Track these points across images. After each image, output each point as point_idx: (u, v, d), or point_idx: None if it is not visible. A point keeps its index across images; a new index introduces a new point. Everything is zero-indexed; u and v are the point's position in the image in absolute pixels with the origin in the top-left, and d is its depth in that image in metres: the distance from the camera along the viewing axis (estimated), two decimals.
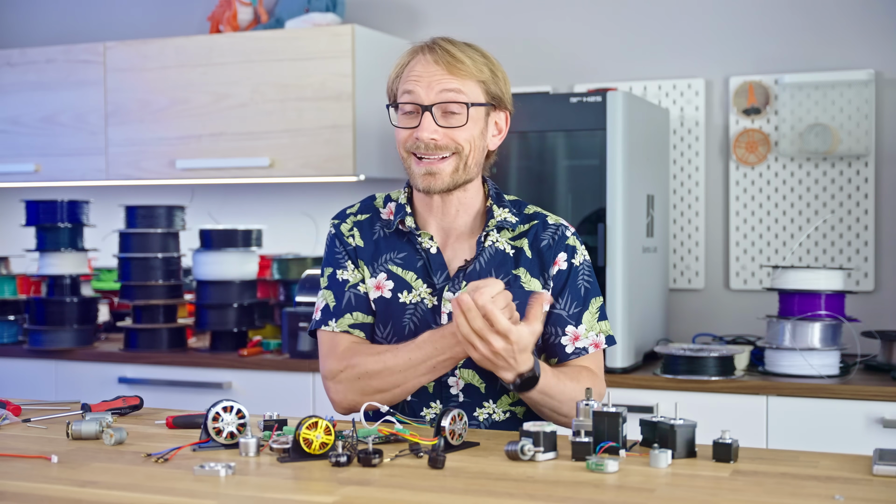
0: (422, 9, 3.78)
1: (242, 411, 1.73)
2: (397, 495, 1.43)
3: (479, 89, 1.94)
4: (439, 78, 1.91)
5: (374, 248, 2.02)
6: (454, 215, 1.99)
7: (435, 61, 1.91)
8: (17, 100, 3.85)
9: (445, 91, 1.91)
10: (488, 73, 1.95)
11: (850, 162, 3.30)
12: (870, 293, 3.29)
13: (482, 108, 1.95)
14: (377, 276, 2.00)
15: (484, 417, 1.97)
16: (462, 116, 1.92)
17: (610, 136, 2.94)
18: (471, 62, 1.93)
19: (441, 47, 1.93)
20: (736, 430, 1.96)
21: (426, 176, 1.93)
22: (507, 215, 1.99)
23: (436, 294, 1.96)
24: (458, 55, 1.92)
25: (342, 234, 2.04)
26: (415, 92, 1.91)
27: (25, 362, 3.55)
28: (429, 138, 1.90)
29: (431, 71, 1.91)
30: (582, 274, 2.00)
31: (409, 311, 1.97)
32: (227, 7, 3.75)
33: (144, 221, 3.48)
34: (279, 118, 3.52)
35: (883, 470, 1.51)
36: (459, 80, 1.91)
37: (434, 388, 1.96)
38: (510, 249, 1.98)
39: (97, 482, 1.51)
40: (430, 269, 1.97)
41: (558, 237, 2.00)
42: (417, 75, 1.92)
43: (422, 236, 1.98)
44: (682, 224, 3.48)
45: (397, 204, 2.04)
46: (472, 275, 1.95)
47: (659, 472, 1.54)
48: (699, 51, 3.47)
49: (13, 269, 3.93)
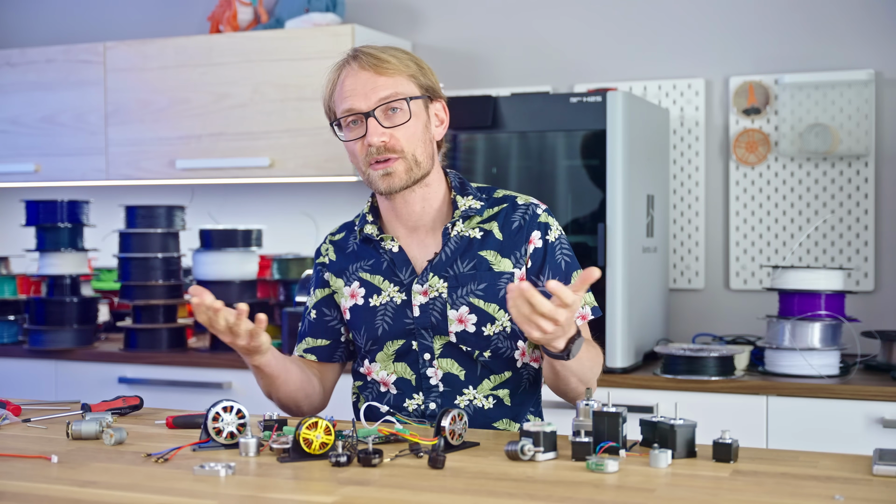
0: (422, 9, 3.78)
1: (242, 411, 1.73)
2: (397, 495, 1.43)
3: (411, 84, 1.98)
4: (372, 83, 1.94)
5: (346, 260, 2.09)
6: (419, 213, 2.02)
7: (362, 67, 1.95)
8: (17, 100, 3.85)
9: (381, 96, 1.94)
10: (415, 66, 1.99)
11: (850, 162, 3.30)
12: (870, 293, 3.29)
13: (420, 101, 1.98)
14: (351, 285, 2.07)
15: (465, 404, 1.99)
16: (405, 112, 1.95)
17: (610, 136, 2.94)
18: (396, 60, 1.97)
19: (364, 53, 1.97)
20: (736, 430, 1.96)
21: (384, 177, 1.96)
22: (471, 203, 2.02)
23: (403, 290, 2.01)
24: (382, 56, 1.96)
25: (318, 254, 2.15)
26: (353, 104, 1.95)
27: (25, 362, 3.55)
28: (378, 141, 1.93)
29: (362, 79, 1.95)
30: (559, 249, 2.02)
31: (379, 312, 2.02)
32: (227, 7, 3.75)
33: (144, 221, 3.48)
34: (279, 118, 3.52)
35: (883, 470, 1.51)
36: (390, 78, 1.95)
37: (415, 379, 2.01)
38: (478, 234, 2.01)
39: (97, 482, 1.51)
40: (394, 268, 2.02)
41: (529, 216, 2.02)
42: (350, 87, 1.96)
43: (384, 240, 2.03)
44: (682, 224, 3.48)
45: (362, 214, 2.10)
46: (440, 265, 1.99)
47: (659, 472, 1.54)
48: (699, 51, 3.47)
49: (13, 269, 3.93)
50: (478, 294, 1.98)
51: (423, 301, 1.99)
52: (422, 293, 1.99)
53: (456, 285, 1.98)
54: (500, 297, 1.97)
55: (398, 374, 2.02)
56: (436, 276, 1.99)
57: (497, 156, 3.11)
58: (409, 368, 2.02)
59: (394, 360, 2.03)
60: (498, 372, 2.01)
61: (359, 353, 2.09)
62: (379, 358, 2.04)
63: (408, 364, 2.02)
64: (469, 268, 1.99)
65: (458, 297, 1.98)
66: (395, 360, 2.03)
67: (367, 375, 2.06)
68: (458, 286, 1.98)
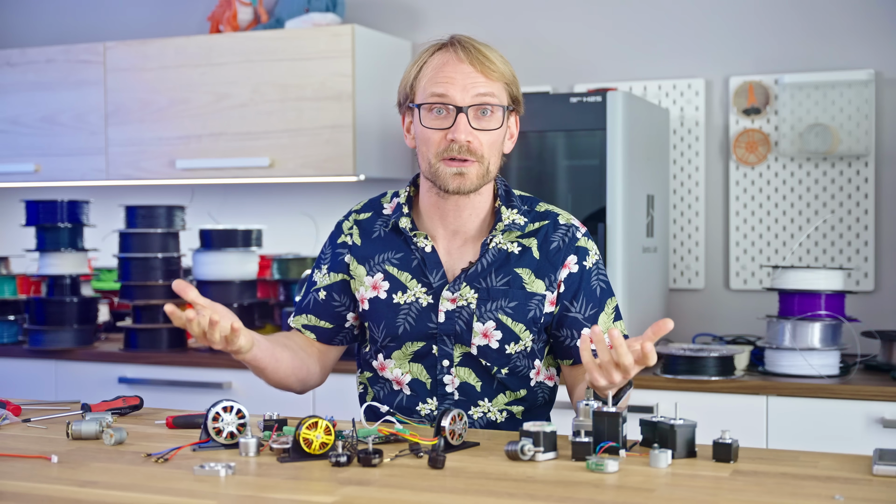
0: (422, 9, 3.78)
1: (242, 411, 1.73)
2: (397, 495, 1.43)
3: (504, 92, 1.92)
4: (473, 79, 1.87)
5: (371, 246, 2.01)
6: (465, 219, 1.97)
7: (468, 61, 1.87)
8: (17, 100, 3.85)
9: (480, 93, 1.87)
10: (511, 75, 1.93)
11: (850, 162, 3.30)
12: (870, 293, 3.29)
13: (507, 112, 1.93)
14: (374, 276, 1.99)
15: (479, 416, 1.97)
16: (496, 119, 1.89)
17: (610, 136, 2.94)
18: (500, 63, 1.90)
19: (470, 44, 1.89)
20: (736, 430, 1.96)
21: (456, 176, 1.89)
22: (515, 217, 1.97)
23: (431, 293, 1.95)
24: (490, 55, 1.89)
25: (339, 232, 2.05)
26: (448, 91, 1.87)
27: (25, 362, 3.55)
28: (465, 140, 1.86)
29: (464, 70, 1.87)
30: (595, 275, 1.98)
31: (402, 311, 1.96)
32: (227, 7, 3.75)
33: (144, 221, 3.48)
34: (279, 118, 3.52)
35: (883, 470, 1.51)
36: (491, 81, 1.88)
37: (430, 385, 1.97)
38: (516, 248, 1.96)
39: (97, 482, 1.51)
40: (425, 269, 1.96)
41: (569, 239, 1.97)
42: (449, 75, 1.87)
43: (417, 236, 1.97)
44: (682, 224, 3.48)
45: (398, 203, 2.02)
46: (474, 276, 1.94)
47: (659, 472, 1.54)
48: (699, 51, 3.47)
49: (13, 269, 3.93)
50: (507, 311, 1.93)
51: (451, 308, 1.94)
52: (450, 300, 1.94)
53: (486, 298, 1.93)
54: (529, 318, 1.93)
55: (413, 375, 1.98)
56: (468, 286, 1.94)
57: None
58: (426, 371, 1.97)
59: (410, 360, 1.98)
60: (514, 389, 1.98)
61: (372, 346, 2.02)
62: (395, 356, 1.98)
63: (425, 367, 1.97)
64: (502, 283, 1.94)
65: (486, 310, 1.93)
66: (412, 360, 1.98)
67: (380, 371, 2.01)
68: (488, 299, 1.93)
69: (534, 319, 1.94)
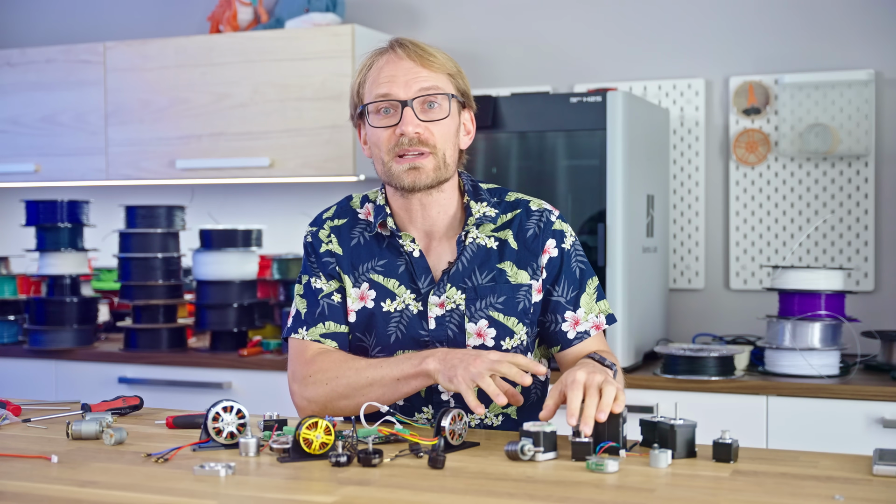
0: (422, 9, 3.78)
1: (242, 411, 1.73)
2: (397, 495, 1.43)
3: (450, 84, 1.92)
4: (414, 73, 1.88)
5: (352, 255, 1.98)
6: (434, 217, 1.95)
7: (408, 56, 1.89)
8: (17, 100, 3.85)
9: (424, 87, 1.88)
10: (455, 68, 1.94)
11: (850, 162, 3.30)
12: (870, 293, 3.29)
13: (456, 104, 1.93)
14: (360, 287, 1.96)
15: (476, 423, 1.96)
16: (443, 109, 1.89)
17: (610, 136, 2.94)
18: (440, 55, 1.91)
19: (408, 42, 1.91)
20: (736, 430, 1.96)
21: (410, 171, 1.88)
22: (485, 209, 1.95)
23: (420, 299, 1.93)
24: (429, 49, 1.91)
25: (319, 241, 2.00)
26: (390, 90, 1.87)
27: (25, 362, 3.55)
28: (413, 132, 1.86)
29: (404, 67, 1.88)
30: (574, 257, 1.97)
31: (393, 319, 1.94)
32: (227, 7, 3.75)
33: (144, 221, 3.48)
34: (279, 118, 3.52)
35: (883, 470, 1.51)
36: (433, 73, 1.89)
37: (426, 392, 1.94)
38: (493, 243, 1.95)
39: (97, 482, 1.51)
40: (414, 274, 1.94)
41: (544, 224, 1.96)
42: (390, 74, 1.88)
43: (403, 238, 1.94)
44: (682, 224, 3.48)
45: (375, 205, 1.99)
46: (456, 276, 1.92)
47: (659, 472, 1.54)
48: (699, 51, 3.47)
49: (13, 269, 3.93)
50: (497, 307, 1.92)
51: (440, 313, 1.92)
52: (438, 305, 1.92)
53: (475, 297, 1.92)
54: (520, 310, 1.93)
55: None
56: (453, 287, 1.92)
57: (497, 156, 3.11)
58: None
59: None
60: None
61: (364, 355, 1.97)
62: None
63: None
64: (488, 279, 1.92)
65: (476, 309, 1.91)
66: None
67: None
68: (476, 298, 1.92)
69: (524, 311, 1.93)
